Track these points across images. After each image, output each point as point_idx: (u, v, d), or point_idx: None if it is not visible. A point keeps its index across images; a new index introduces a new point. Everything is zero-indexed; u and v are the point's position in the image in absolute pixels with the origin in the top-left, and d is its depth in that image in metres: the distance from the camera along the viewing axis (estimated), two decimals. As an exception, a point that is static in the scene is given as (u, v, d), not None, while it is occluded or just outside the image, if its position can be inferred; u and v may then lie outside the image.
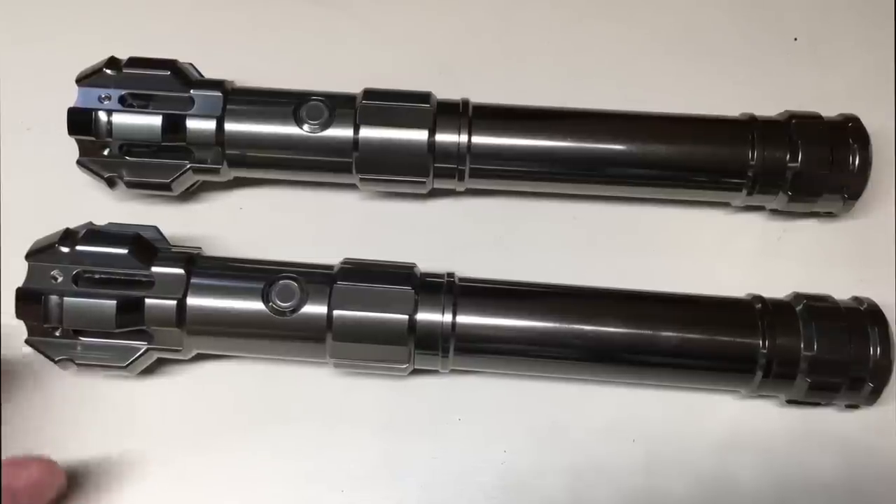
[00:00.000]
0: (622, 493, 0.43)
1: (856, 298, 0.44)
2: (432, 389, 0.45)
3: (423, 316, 0.41)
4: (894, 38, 0.52)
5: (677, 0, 0.54)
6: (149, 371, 0.44)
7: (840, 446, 0.44)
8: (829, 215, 0.48)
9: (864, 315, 0.42)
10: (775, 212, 0.48)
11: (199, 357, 0.44)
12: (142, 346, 0.42)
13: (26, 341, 0.42)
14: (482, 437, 0.44)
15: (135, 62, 0.45)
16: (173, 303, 0.41)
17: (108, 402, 0.44)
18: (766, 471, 0.44)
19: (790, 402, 0.43)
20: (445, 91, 0.46)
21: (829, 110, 0.47)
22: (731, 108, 0.47)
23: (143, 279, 0.41)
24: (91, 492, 0.42)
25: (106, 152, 0.45)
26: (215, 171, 0.46)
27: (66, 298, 0.40)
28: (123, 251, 0.41)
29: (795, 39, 0.53)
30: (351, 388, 0.45)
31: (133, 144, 0.44)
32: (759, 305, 0.43)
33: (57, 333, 0.41)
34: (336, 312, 0.41)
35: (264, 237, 0.48)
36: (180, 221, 0.47)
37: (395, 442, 0.44)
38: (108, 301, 0.40)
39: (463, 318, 0.41)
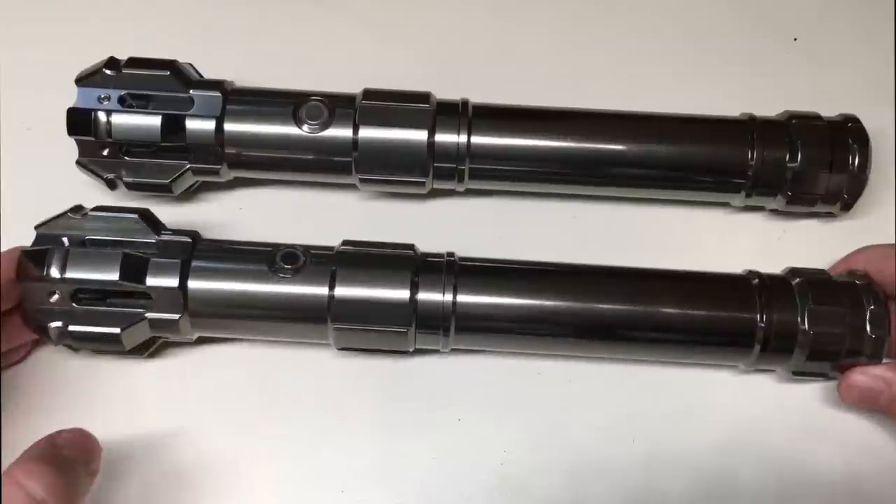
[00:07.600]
0: (622, 492, 0.43)
1: (850, 272, 0.44)
2: (432, 389, 0.45)
3: (423, 296, 0.41)
4: (894, 38, 0.53)
5: (677, 0, 0.54)
6: (150, 360, 0.44)
7: (840, 446, 0.44)
8: (829, 215, 0.48)
9: (860, 289, 0.42)
10: (775, 212, 0.48)
11: (200, 357, 0.44)
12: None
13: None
14: (482, 437, 0.44)
15: (134, 62, 0.45)
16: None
17: (111, 389, 0.44)
18: (766, 470, 0.44)
19: (796, 373, 0.43)
20: (445, 91, 0.46)
21: (828, 110, 0.47)
22: (731, 108, 0.47)
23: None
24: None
25: (105, 152, 0.45)
26: (215, 172, 0.46)
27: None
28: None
29: (795, 39, 0.53)
30: (351, 388, 0.45)
31: (132, 145, 0.44)
32: (757, 280, 0.43)
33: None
34: (339, 272, 0.41)
35: (264, 237, 0.47)
36: (180, 221, 0.47)
37: (395, 441, 0.44)
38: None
39: (463, 298, 0.42)
